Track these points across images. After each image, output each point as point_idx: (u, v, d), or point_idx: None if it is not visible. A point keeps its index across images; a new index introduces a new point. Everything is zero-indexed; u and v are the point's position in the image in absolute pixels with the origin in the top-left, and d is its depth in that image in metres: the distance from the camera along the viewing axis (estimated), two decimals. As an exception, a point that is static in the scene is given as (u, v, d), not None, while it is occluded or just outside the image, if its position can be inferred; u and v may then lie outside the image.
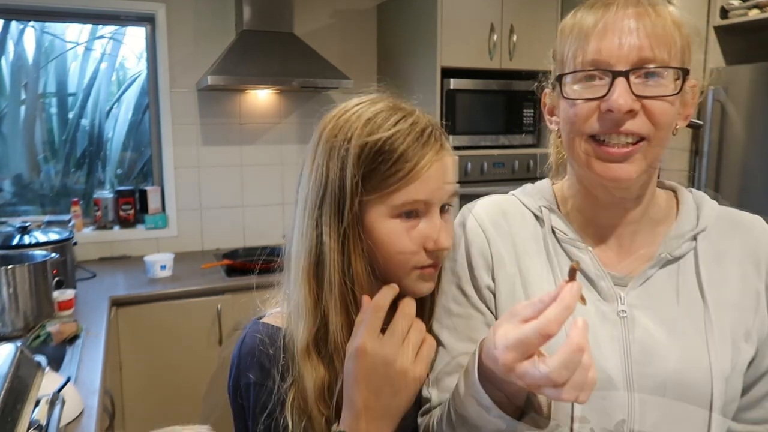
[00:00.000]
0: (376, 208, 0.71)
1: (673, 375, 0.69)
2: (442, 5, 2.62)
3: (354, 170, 0.69)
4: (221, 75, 2.53)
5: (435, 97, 2.69)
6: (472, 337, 0.77)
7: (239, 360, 0.75)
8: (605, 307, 0.72)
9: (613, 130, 0.67)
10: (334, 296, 0.71)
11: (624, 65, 0.65)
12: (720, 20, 2.42)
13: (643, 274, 0.73)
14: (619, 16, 0.65)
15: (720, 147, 2.40)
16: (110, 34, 2.97)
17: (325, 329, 0.72)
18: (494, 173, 2.83)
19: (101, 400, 1.40)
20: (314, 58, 2.73)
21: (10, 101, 2.80)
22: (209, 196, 2.96)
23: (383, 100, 0.75)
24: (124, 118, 3.04)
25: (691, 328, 0.70)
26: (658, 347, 0.70)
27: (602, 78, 0.66)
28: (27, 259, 1.91)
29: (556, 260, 0.76)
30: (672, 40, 0.65)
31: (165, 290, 2.32)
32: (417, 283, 0.75)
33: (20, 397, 1.03)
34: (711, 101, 2.37)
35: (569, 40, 0.69)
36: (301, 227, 0.73)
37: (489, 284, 0.77)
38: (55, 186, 2.93)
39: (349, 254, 0.70)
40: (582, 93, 0.68)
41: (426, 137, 0.71)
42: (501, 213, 0.81)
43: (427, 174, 0.70)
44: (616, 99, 0.64)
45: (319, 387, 0.71)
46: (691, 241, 0.74)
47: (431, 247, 0.72)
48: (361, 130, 0.70)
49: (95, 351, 1.67)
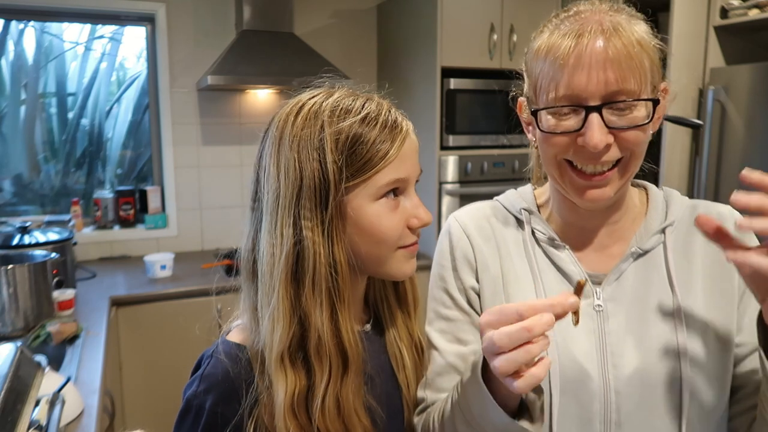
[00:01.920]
0: (359, 192, 0.70)
1: (643, 364, 0.72)
2: (442, 5, 2.62)
3: (334, 157, 0.68)
4: (221, 75, 2.53)
5: (435, 97, 2.69)
6: (460, 338, 0.81)
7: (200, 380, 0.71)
8: (581, 302, 0.75)
9: (590, 161, 0.69)
10: (320, 292, 0.69)
11: (596, 100, 0.66)
12: (720, 20, 2.42)
13: (617, 269, 0.76)
14: (589, 49, 0.65)
15: (720, 147, 2.40)
16: (110, 34, 2.97)
17: (303, 333, 0.69)
18: (494, 173, 2.83)
19: (101, 400, 1.40)
20: (314, 58, 2.73)
21: (10, 101, 2.80)
22: (209, 196, 2.96)
23: (338, 89, 0.75)
24: (124, 118, 3.04)
25: (662, 318, 0.74)
26: (631, 338, 0.73)
27: (576, 112, 0.68)
28: (27, 259, 1.91)
29: (535, 260, 0.79)
30: (641, 66, 0.66)
31: (165, 290, 2.32)
32: (402, 263, 0.75)
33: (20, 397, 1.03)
34: (711, 101, 2.37)
35: (543, 66, 0.69)
36: (272, 229, 0.71)
37: (474, 286, 0.81)
38: (55, 186, 2.93)
39: (333, 245, 0.69)
40: (557, 126, 0.69)
41: (394, 117, 0.73)
42: (484, 217, 0.85)
43: (404, 151, 0.72)
44: (591, 138, 0.66)
45: (290, 398, 0.68)
46: (660, 235, 0.77)
47: (415, 224, 0.74)
48: (331, 118, 0.70)
49: (95, 351, 1.67)
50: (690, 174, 2.50)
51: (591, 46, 0.65)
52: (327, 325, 0.69)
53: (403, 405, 0.82)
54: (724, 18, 2.42)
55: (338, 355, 0.70)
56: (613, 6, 0.70)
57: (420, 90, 2.81)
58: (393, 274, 0.76)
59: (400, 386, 0.82)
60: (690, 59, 2.44)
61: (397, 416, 0.81)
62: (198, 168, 2.93)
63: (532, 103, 0.74)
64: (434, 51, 2.67)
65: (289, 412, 0.68)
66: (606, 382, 0.72)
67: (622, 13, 0.69)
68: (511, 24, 2.77)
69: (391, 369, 0.82)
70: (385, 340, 0.84)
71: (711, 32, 2.45)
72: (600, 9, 0.69)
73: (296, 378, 0.69)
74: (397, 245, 0.73)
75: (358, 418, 0.71)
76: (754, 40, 2.55)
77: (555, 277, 0.78)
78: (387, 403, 0.77)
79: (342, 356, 0.70)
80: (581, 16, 0.68)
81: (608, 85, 0.65)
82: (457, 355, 0.80)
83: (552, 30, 0.70)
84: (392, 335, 0.84)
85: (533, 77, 0.72)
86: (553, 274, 0.79)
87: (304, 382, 0.69)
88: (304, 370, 0.70)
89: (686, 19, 2.39)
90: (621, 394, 0.72)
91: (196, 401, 0.70)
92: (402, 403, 0.82)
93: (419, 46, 2.80)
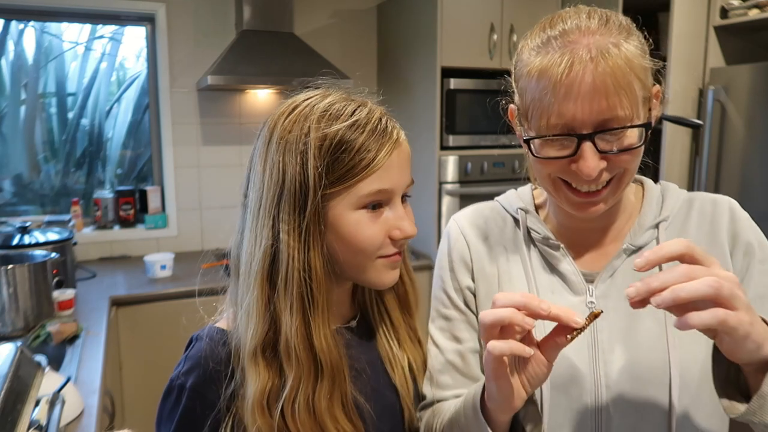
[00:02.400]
0: (340, 200, 0.69)
1: (633, 361, 0.73)
2: (442, 5, 2.62)
3: (315, 162, 0.67)
4: (221, 75, 2.53)
5: (435, 97, 2.69)
6: (457, 336, 0.84)
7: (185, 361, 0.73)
8: (574, 299, 0.77)
9: (584, 184, 0.70)
10: (291, 296, 0.69)
11: (588, 128, 0.66)
12: (720, 20, 2.42)
13: (610, 266, 0.77)
14: (579, 78, 0.64)
15: (720, 147, 2.40)
16: (110, 34, 2.97)
17: (275, 332, 0.70)
18: (494, 173, 2.83)
19: (101, 400, 1.40)
20: (314, 58, 2.73)
21: (10, 101, 2.80)
22: (209, 196, 2.96)
23: (334, 92, 0.74)
24: (124, 118, 3.04)
25: (651, 315, 0.74)
26: (622, 334, 0.74)
27: (568, 139, 0.67)
28: (27, 259, 1.91)
29: (529, 260, 0.81)
30: (630, 90, 0.65)
31: (165, 290, 2.32)
32: (382, 273, 0.74)
33: (20, 397, 1.03)
34: (711, 101, 2.37)
35: (534, 91, 0.68)
36: (253, 228, 0.71)
37: (470, 285, 0.84)
38: (55, 186, 2.93)
39: (308, 251, 0.69)
40: (549, 152, 0.69)
41: (384, 125, 0.71)
42: (482, 218, 0.87)
43: (389, 162, 0.70)
44: (585, 167, 0.66)
45: (260, 393, 0.68)
46: (654, 230, 0.77)
47: (397, 236, 0.73)
48: (318, 122, 0.69)
49: (95, 351, 1.67)
50: (690, 174, 2.50)
51: (581, 76, 0.64)
52: (298, 330, 0.69)
53: (398, 400, 0.82)
54: (724, 18, 2.42)
55: (309, 360, 0.69)
56: (602, 18, 0.67)
57: (420, 90, 2.81)
58: (373, 282, 0.75)
59: (393, 382, 0.82)
60: (690, 59, 2.44)
61: (389, 411, 0.80)
62: (198, 168, 2.93)
63: (523, 119, 0.73)
64: (434, 51, 2.67)
65: (259, 408, 0.68)
66: (597, 377, 0.73)
67: (611, 31, 0.66)
68: (511, 24, 2.77)
69: (381, 365, 0.82)
70: (374, 336, 0.84)
71: (711, 32, 2.45)
72: (589, 29, 0.66)
73: (269, 375, 0.69)
74: (376, 255, 0.73)
75: (336, 421, 0.70)
76: (754, 40, 2.55)
77: (549, 276, 0.79)
78: (375, 398, 0.77)
79: (314, 362, 0.69)
80: (569, 39, 0.66)
81: (600, 113, 0.65)
82: (454, 352, 0.83)
83: (540, 49, 0.68)
84: (382, 332, 0.84)
85: (524, 97, 0.71)
86: (547, 273, 0.79)
87: (276, 381, 0.69)
88: (277, 368, 0.70)
89: (686, 19, 2.39)
90: (611, 390, 0.73)
91: (178, 381, 0.71)
92: (396, 398, 0.82)
93: (419, 46, 2.80)
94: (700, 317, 0.52)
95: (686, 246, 0.56)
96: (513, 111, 0.78)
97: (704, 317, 0.52)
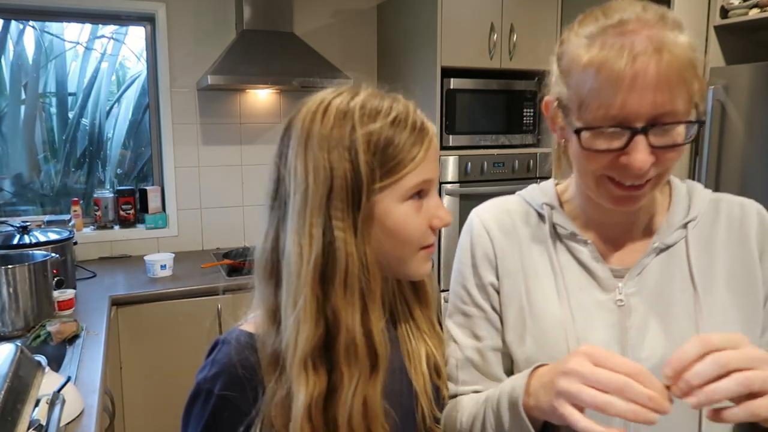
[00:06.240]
0: (388, 193, 0.70)
1: (662, 360, 0.72)
2: (442, 5, 2.62)
3: (366, 158, 0.68)
4: (221, 75, 2.53)
5: (435, 97, 2.69)
6: (476, 334, 0.84)
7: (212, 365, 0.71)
8: (603, 296, 0.77)
9: (630, 179, 0.69)
10: (351, 293, 0.68)
11: (642, 121, 0.65)
12: (720, 20, 2.42)
13: (639, 263, 0.77)
14: (643, 71, 0.62)
15: (720, 147, 2.40)
16: (110, 33, 2.97)
17: (330, 335, 0.68)
18: (494, 173, 2.83)
19: (101, 400, 1.40)
20: (314, 58, 2.73)
21: (10, 101, 2.80)
22: (209, 196, 2.96)
23: (361, 90, 0.74)
24: (124, 118, 3.04)
25: (682, 313, 0.74)
26: (651, 333, 0.74)
27: (620, 132, 0.66)
28: (27, 258, 1.91)
29: (556, 256, 0.80)
30: (689, 84, 0.65)
31: (165, 290, 2.32)
32: (421, 264, 0.75)
33: (20, 397, 1.03)
34: (711, 101, 2.37)
35: (592, 83, 0.65)
36: (300, 228, 0.69)
37: (493, 282, 0.83)
38: (55, 186, 2.93)
39: (364, 246, 0.69)
40: (599, 144, 0.68)
41: (419, 119, 0.73)
42: (505, 212, 0.85)
43: (431, 153, 0.72)
44: (637, 161, 0.65)
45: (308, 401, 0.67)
46: (682, 230, 0.78)
47: (437, 225, 0.74)
48: (361, 119, 0.69)
49: (95, 351, 1.67)
50: (690, 174, 2.50)
51: (645, 68, 0.62)
52: (361, 327, 0.69)
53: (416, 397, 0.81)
54: (724, 18, 2.42)
55: (368, 355, 0.69)
56: (657, 12, 0.66)
57: (420, 90, 2.81)
58: (412, 274, 0.76)
59: (411, 379, 0.82)
60: (690, 59, 2.43)
61: (409, 410, 0.80)
62: (198, 168, 2.93)
63: (568, 112, 0.71)
64: (434, 51, 2.67)
65: (306, 416, 0.67)
66: None
67: (668, 24, 0.65)
68: (511, 24, 2.77)
69: (402, 364, 0.82)
70: (397, 336, 0.83)
71: (711, 32, 2.45)
72: (647, 21, 0.65)
73: (317, 381, 0.68)
74: (420, 246, 0.74)
75: (382, 417, 0.70)
76: (754, 40, 2.55)
77: (577, 272, 0.78)
78: (400, 400, 0.77)
79: (372, 356, 0.70)
80: (628, 28, 0.64)
81: (657, 107, 0.64)
82: (473, 349, 0.83)
83: (595, 38, 0.66)
84: (405, 330, 0.84)
85: (576, 89, 0.68)
86: (574, 270, 0.79)
87: (324, 385, 0.69)
88: (326, 372, 0.69)
89: (686, 18, 2.37)
90: None
91: (206, 385, 0.70)
92: (413, 396, 0.81)
93: (419, 46, 2.80)
94: (735, 415, 0.56)
95: (703, 345, 0.57)
96: (550, 103, 0.76)
97: (739, 414, 0.55)
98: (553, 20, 2.84)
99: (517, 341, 0.80)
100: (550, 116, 0.77)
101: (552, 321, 0.77)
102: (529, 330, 0.79)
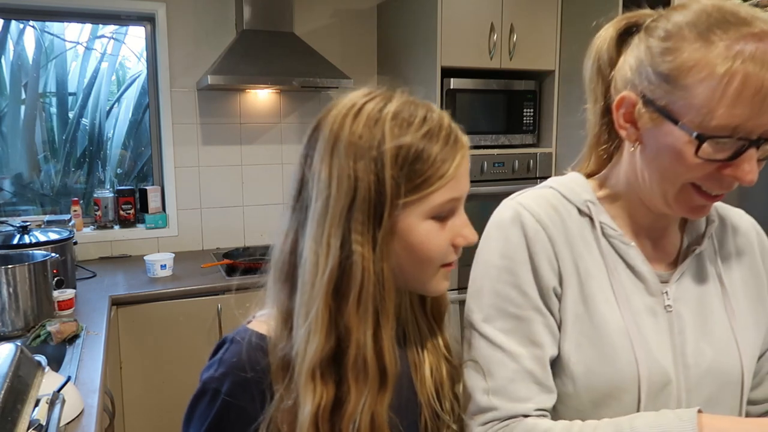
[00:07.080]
0: (412, 209, 0.67)
1: (711, 364, 0.74)
2: (442, 5, 2.62)
3: (392, 172, 0.65)
4: (221, 75, 2.53)
5: (435, 97, 2.70)
6: (535, 341, 0.74)
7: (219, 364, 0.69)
8: (650, 300, 0.76)
9: (723, 189, 0.67)
10: (365, 309, 0.66)
11: (756, 134, 0.63)
12: (720, 20, 2.42)
13: (680, 268, 0.77)
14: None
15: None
16: (110, 33, 2.97)
17: (340, 348, 0.67)
18: (494, 173, 2.83)
19: (101, 400, 1.40)
20: (314, 58, 2.73)
21: (10, 101, 2.80)
22: (209, 196, 2.96)
23: (395, 95, 0.71)
24: (124, 118, 3.05)
25: (719, 317, 0.76)
26: (697, 339, 0.75)
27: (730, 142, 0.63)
28: (27, 258, 1.91)
29: (609, 257, 0.76)
30: None
31: (165, 290, 2.32)
32: (441, 281, 0.73)
33: (20, 397, 1.03)
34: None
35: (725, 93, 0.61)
36: (318, 237, 0.66)
37: (555, 287, 0.75)
38: (55, 185, 2.93)
39: (382, 262, 0.66)
40: (717, 153, 0.64)
41: (453, 131, 0.70)
42: (552, 208, 0.78)
43: (461, 170, 0.69)
44: (750, 173, 0.64)
45: (315, 410, 0.66)
46: (709, 235, 0.80)
47: (461, 243, 0.71)
48: (392, 129, 0.66)
49: (95, 350, 1.67)
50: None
51: None
52: (369, 343, 0.66)
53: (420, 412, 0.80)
54: (724, 18, 2.42)
55: (378, 372, 0.67)
56: None
57: (420, 90, 2.81)
58: (430, 291, 0.74)
59: (417, 391, 0.80)
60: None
61: (413, 422, 0.78)
62: (198, 168, 2.93)
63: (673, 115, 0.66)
64: (434, 51, 2.67)
65: (312, 424, 0.65)
66: (679, 381, 0.73)
67: None
68: (511, 24, 2.77)
69: (409, 375, 0.80)
70: (405, 351, 0.81)
71: (711, 32, 2.45)
72: None
73: (324, 391, 0.66)
74: (440, 264, 0.71)
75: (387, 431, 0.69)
76: (754, 40, 2.54)
77: (627, 274, 0.76)
78: (405, 411, 0.75)
79: (382, 374, 0.68)
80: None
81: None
82: (533, 358, 0.73)
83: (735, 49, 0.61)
84: (413, 345, 0.81)
85: (699, 96, 0.63)
86: (624, 272, 0.76)
87: (331, 396, 0.67)
88: (333, 383, 0.67)
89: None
90: (692, 393, 0.73)
91: (212, 385, 0.68)
92: (418, 407, 0.80)
93: (419, 46, 2.80)
94: None
95: None
96: (633, 101, 0.70)
97: None
98: (553, 20, 2.83)
99: (574, 349, 0.73)
100: (627, 114, 0.71)
101: (615, 328, 0.73)
102: (589, 337, 0.73)
